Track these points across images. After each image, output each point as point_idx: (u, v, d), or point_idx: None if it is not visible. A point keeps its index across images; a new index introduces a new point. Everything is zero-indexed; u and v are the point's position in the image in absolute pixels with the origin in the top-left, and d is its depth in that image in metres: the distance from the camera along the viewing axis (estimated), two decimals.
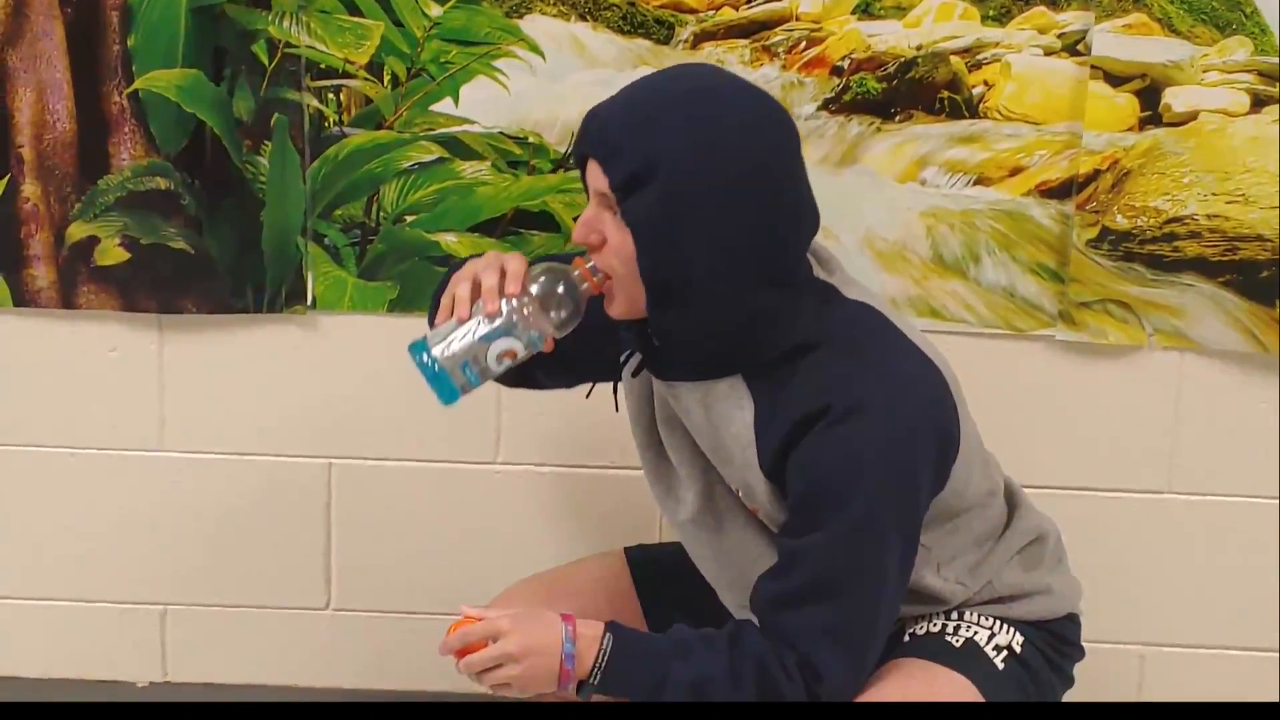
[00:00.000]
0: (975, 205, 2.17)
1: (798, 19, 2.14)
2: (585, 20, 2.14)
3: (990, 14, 2.13)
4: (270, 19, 2.14)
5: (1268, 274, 2.16)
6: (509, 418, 2.30)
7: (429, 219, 2.22)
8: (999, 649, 1.71)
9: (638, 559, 1.93)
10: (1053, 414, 2.26)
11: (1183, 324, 2.20)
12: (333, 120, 2.18)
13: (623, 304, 1.59)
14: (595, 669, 1.58)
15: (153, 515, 2.35)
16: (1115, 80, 2.13)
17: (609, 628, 1.60)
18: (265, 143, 2.18)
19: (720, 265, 1.51)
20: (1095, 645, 2.12)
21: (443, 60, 2.16)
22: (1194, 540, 2.30)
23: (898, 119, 2.16)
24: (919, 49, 2.14)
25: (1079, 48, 2.12)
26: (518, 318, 1.55)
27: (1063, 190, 2.17)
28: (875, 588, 1.58)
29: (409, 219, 2.22)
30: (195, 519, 2.35)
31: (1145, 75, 2.12)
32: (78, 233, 2.22)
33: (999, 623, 1.73)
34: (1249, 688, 2.34)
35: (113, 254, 2.22)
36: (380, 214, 2.22)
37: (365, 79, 2.16)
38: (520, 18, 2.14)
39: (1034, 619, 1.75)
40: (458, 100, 2.17)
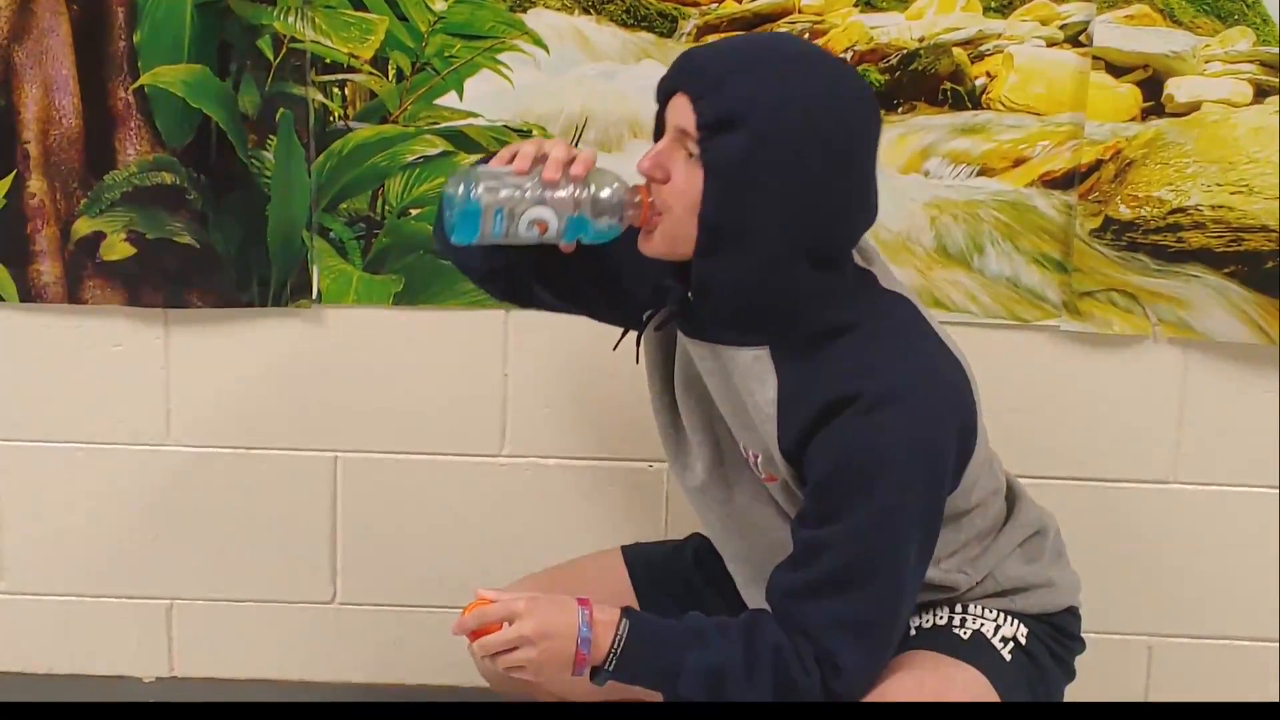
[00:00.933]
0: (979, 196, 2.18)
1: (800, 11, 2.14)
2: (589, 14, 2.14)
3: (992, 5, 2.13)
4: (275, 14, 2.14)
5: (1272, 264, 2.16)
6: (514, 410, 2.30)
7: (434, 212, 2.15)
8: (1005, 640, 1.71)
9: (635, 558, 1.93)
10: (1057, 404, 2.26)
11: (1187, 315, 2.20)
12: (337, 115, 2.18)
13: (662, 243, 1.58)
14: (611, 655, 1.57)
15: (159, 509, 2.35)
16: (1117, 71, 2.13)
17: (625, 613, 1.59)
18: (270, 137, 2.18)
19: (780, 226, 1.52)
20: (1104, 637, 2.15)
21: (447, 54, 2.16)
22: (1201, 530, 2.30)
23: (901, 111, 2.16)
24: (921, 41, 2.14)
25: (1081, 39, 2.13)
26: (568, 197, 1.54)
27: (1066, 181, 2.17)
28: (896, 580, 1.57)
29: (414, 213, 2.23)
30: (202, 513, 2.36)
31: (1147, 66, 2.12)
32: (84, 228, 2.22)
33: (1003, 615, 1.73)
34: (1260, 680, 2.34)
35: (119, 249, 2.23)
36: (385, 208, 2.22)
37: (370, 73, 2.17)
38: (524, 11, 2.15)
39: (1036, 612, 1.75)
40: (462, 94, 2.17)
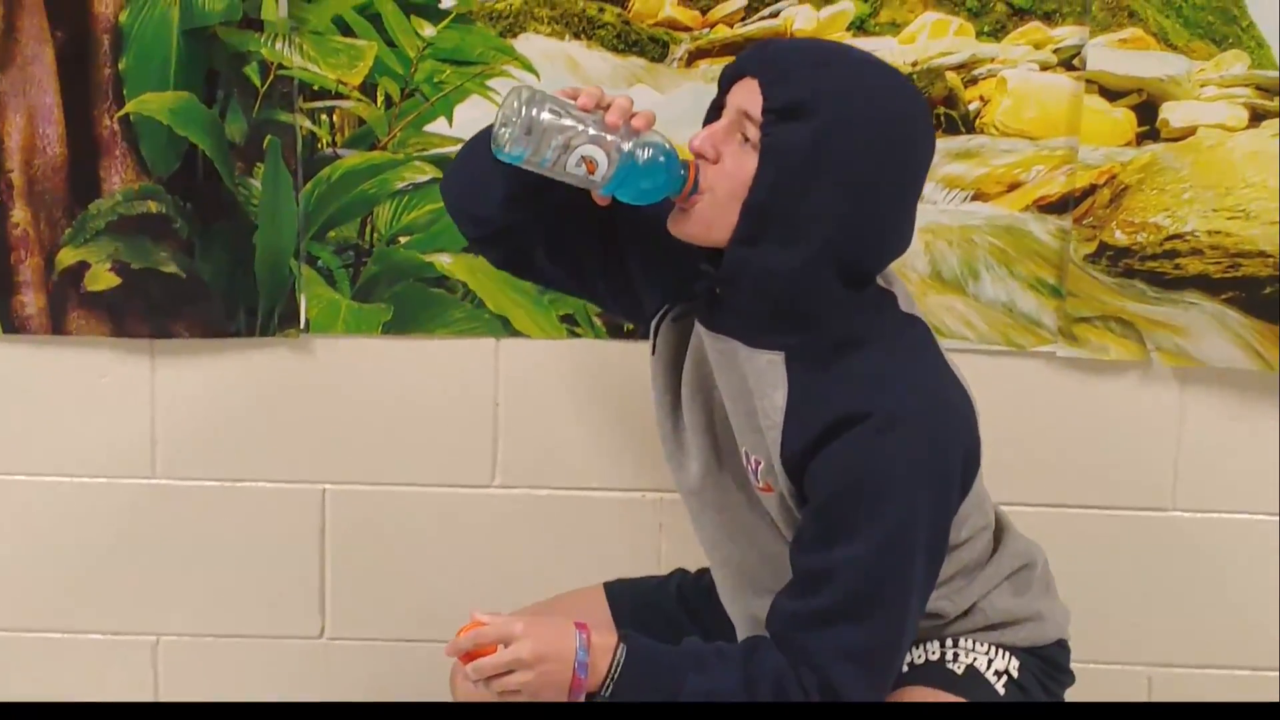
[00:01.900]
0: (973, 221, 2.17)
1: (792, 36, 2.12)
2: (579, 39, 2.13)
3: (985, 30, 2.12)
4: (262, 40, 2.13)
5: (1270, 290, 2.15)
6: (506, 440, 2.28)
7: (423, 240, 2.21)
8: (999, 674, 1.71)
9: (617, 594, 1.92)
10: (1054, 431, 2.25)
11: (1185, 342, 2.18)
12: (326, 141, 2.18)
13: (697, 225, 1.57)
14: (608, 680, 1.56)
15: (145, 543, 2.34)
16: (1111, 95, 2.12)
17: (623, 638, 1.58)
18: (258, 165, 2.17)
19: (826, 224, 1.51)
20: (1103, 668, 2.16)
21: (436, 80, 2.15)
22: (1200, 559, 2.28)
23: None
24: (914, 65, 2.13)
25: (1074, 62, 2.12)
26: (626, 145, 1.54)
27: (1060, 205, 2.16)
28: (901, 608, 1.56)
29: (403, 240, 2.22)
30: (188, 547, 2.34)
31: (1142, 90, 2.12)
32: (68, 258, 2.21)
33: (995, 648, 1.73)
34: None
35: (103, 279, 2.21)
36: (374, 235, 2.21)
37: (358, 100, 2.16)
38: (514, 37, 2.14)
39: (1026, 645, 1.74)
40: (452, 120, 2.17)
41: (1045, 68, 2.12)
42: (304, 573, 2.34)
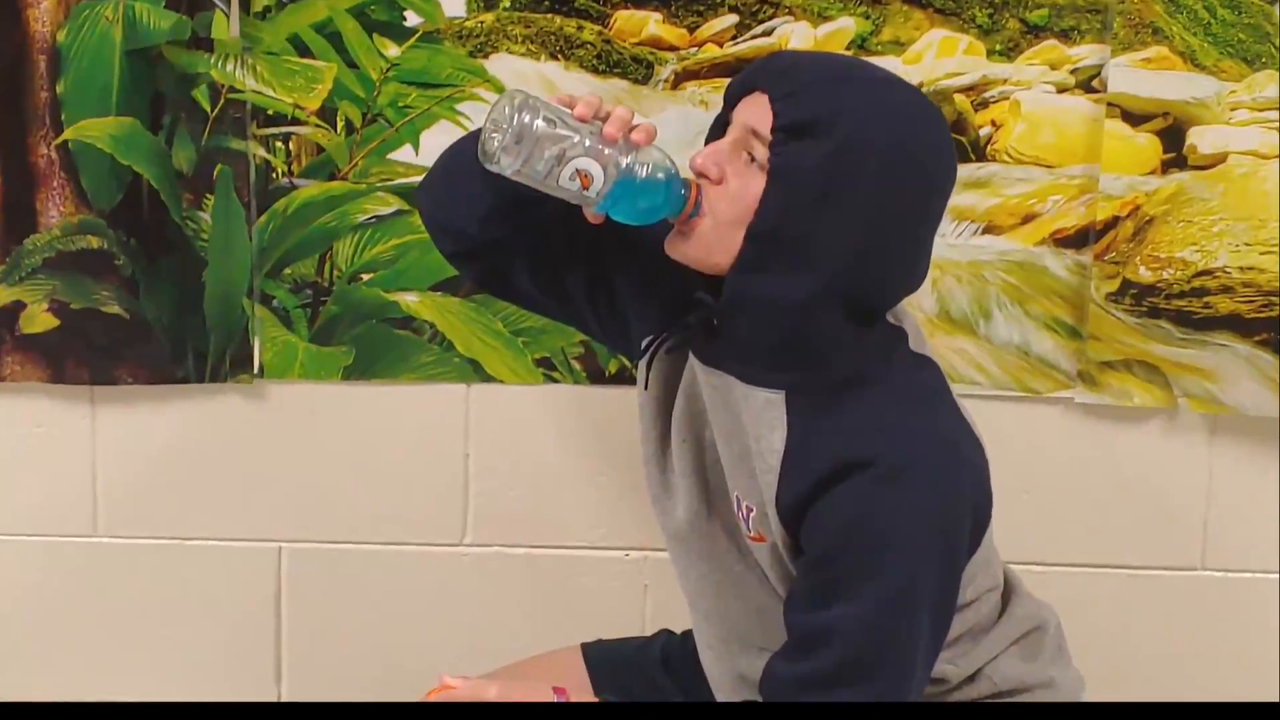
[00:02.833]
0: (984, 256, 2.14)
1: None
2: (556, 59, 2.11)
3: (997, 48, 2.11)
4: (212, 62, 2.11)
5: None
6: (477, 494, 2.26)
7: (387, 277, 2.18)
8: None
9: (596, 656, 1.89)
10: (1072, 483, 2.22)
11: (1215, 387, 2.16)
12: (281, 171, 2.15)
13: (696, 248, 1.52)
14: None
15: (87, 606, 2.30)
16: (1135, 119, 2.09)
17: (604, 704, 1.58)
18: (207, 196, 2.15)
19: (837, 253, 1.47)
20: None
21: (401, 104, 2.13)
22: (1232, 623, 2.25)
23: None
24: (920, 87, 2.06)
25: (1094, 84, 2.10)
26: (624, 160, 1.50)
27: (1079, 239, 2.13)
28: (904, 673, 1.50)
29: (365, 278, 2.19)
30: (133, 610, 2.30)
31: (1167, 113, 2.09)
32: (1, 298, 2.18)
33: None
34: None
35: (40, 320, 2.19)
36: (334, 273, 2.19)
37: (316, 125, 2.14)
38: (485, 57, 2.12)
39: None
40: (418, 148, 2.14)
41: (1062, 89, 2.10)
42: (258, 639, 2.31)
